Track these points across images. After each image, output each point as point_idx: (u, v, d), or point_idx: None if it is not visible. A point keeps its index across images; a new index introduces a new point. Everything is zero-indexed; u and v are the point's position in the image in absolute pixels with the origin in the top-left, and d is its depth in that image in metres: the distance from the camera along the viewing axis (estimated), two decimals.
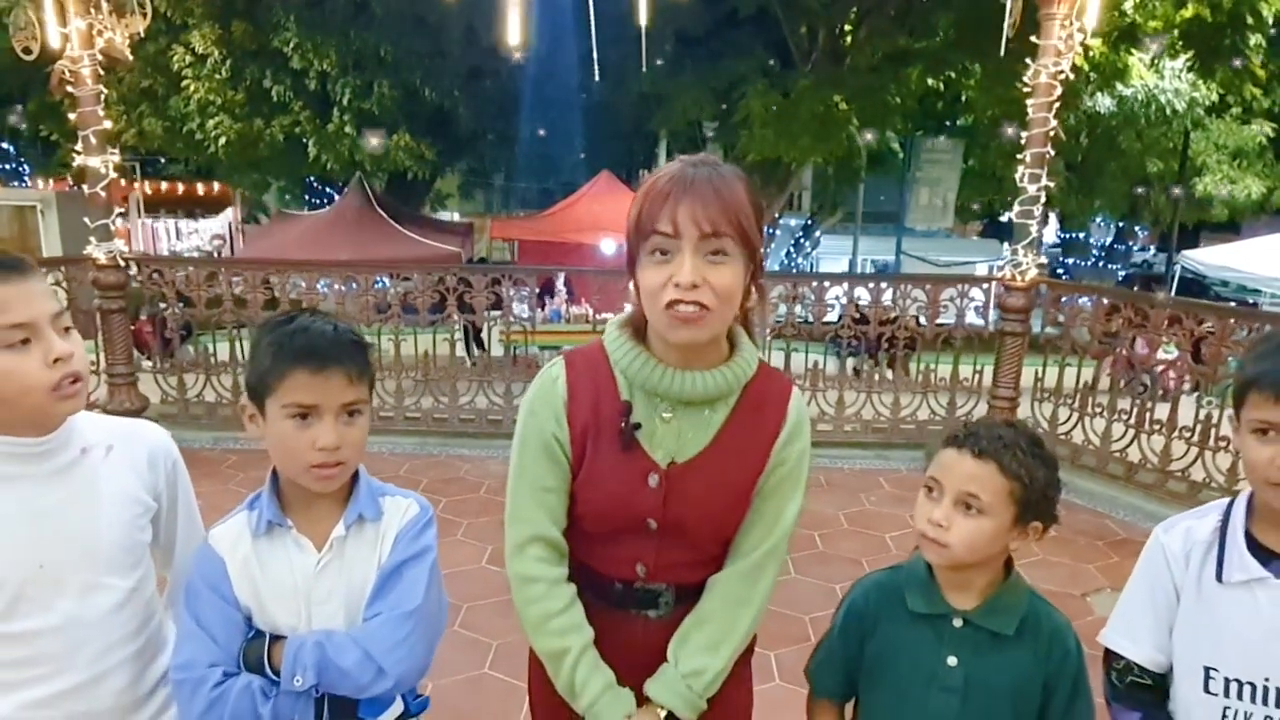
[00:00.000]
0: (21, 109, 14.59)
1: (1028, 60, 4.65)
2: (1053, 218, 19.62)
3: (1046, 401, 5.01)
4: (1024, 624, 1.22)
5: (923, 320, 5.28)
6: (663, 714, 1.22)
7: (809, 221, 18.01)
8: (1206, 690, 1.19)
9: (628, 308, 1.33)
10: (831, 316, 5.41)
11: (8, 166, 17.98)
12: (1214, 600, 1.18)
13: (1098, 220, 19.67)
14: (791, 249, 17.20)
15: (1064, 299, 5.12)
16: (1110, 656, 1.29)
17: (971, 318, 5.37)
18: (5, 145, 17.53)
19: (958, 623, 1.23)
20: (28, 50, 4.49)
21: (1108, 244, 21.06)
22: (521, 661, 1.52)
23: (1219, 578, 1.18)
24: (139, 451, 1.28)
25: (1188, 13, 10.65)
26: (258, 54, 12.06)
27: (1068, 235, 20.74)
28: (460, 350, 5.77)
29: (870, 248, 18.79)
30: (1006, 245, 4.99)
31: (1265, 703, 1.15)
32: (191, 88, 11.97)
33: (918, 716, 1.23)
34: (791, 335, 5.33)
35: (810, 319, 5.31)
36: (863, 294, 5.44)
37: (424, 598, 1.21)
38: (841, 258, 17.88)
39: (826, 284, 5.30)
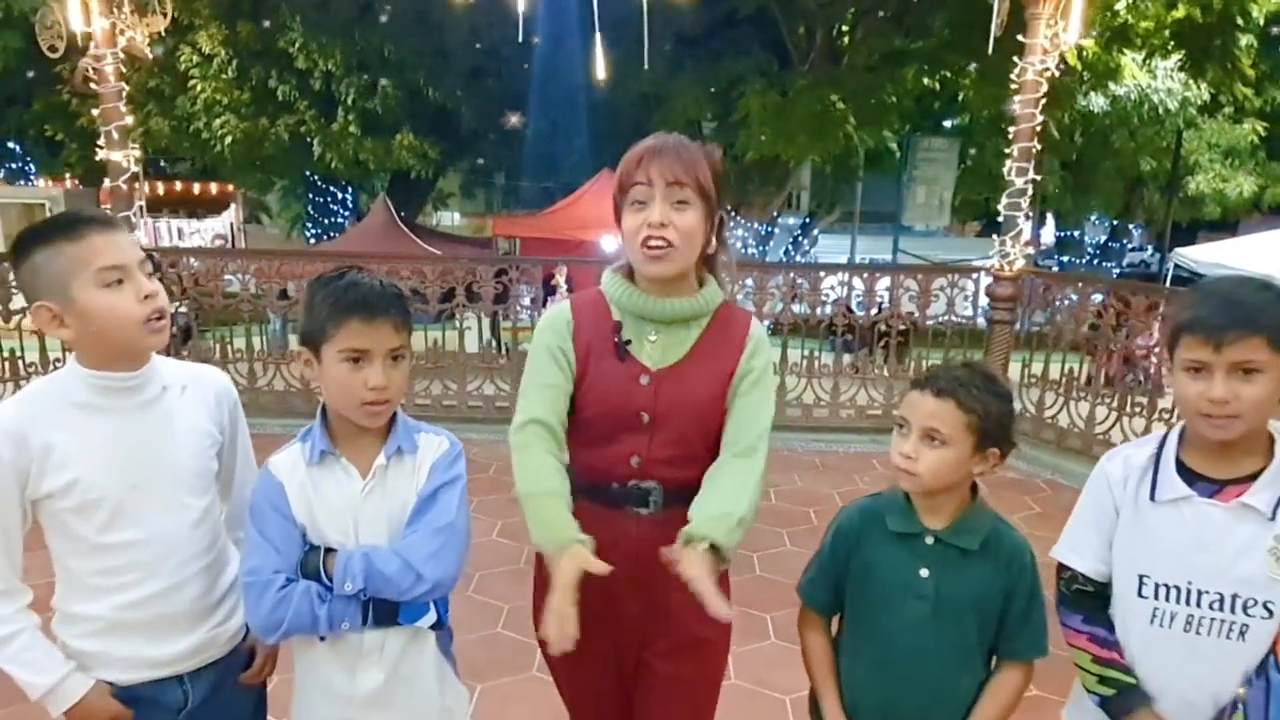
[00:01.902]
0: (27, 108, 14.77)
1: (1015, 59, 4.84)
2: (1049, 219, 19.82)
3: (1034, 387, 5.20)
4: (987, 541, 1.39)
5: (915, 311, 5.45)
6: (703, 547, 1.35)
7: (807, 220, 18.18)
8: (1140, 595, 1.37)
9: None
10: (828, 310, 5.59)
11: (14, 166, 18.13)
12: (1147, 516, 1.36)
13: (1092, 219, 19.86)
14: (790, 247, 17.35)
15: (1058, 298, 5.28)
16: (1060, 569, 1.47)
17: (965, 311, 5.54)
18: (11, 145, 17.68)
19: (930, 540, 1.40)
20: (53, 48, 4.68)
21: (1103, 242, 21.25)
22: (530, 624, 1.69)
23: (1152, 497, 1.36)
24: (208, 391, 1.46)
25: (1179, 13, 10.83)
26: (263, 54, 12.22)
27: (1064, 234, 20.94)
28: (470, 344, 5.92)
29: (868, 247, 18.93)
30: (996, 237, 5.17)
31: (1187, 603, 1.33)
32: (198, 87, 12.13)
33: (894, 621, 1.40)
34: (789, 324, 5.51)
35: (809, 307, 5.48)
36: (858, 284, 5.62)
37: (455, 516, 1.39)
38: (840, 256, 18.02)
39: (822, 274, 5.47)
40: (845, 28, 12.38)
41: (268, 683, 1.61)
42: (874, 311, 5.60)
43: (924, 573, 1.39)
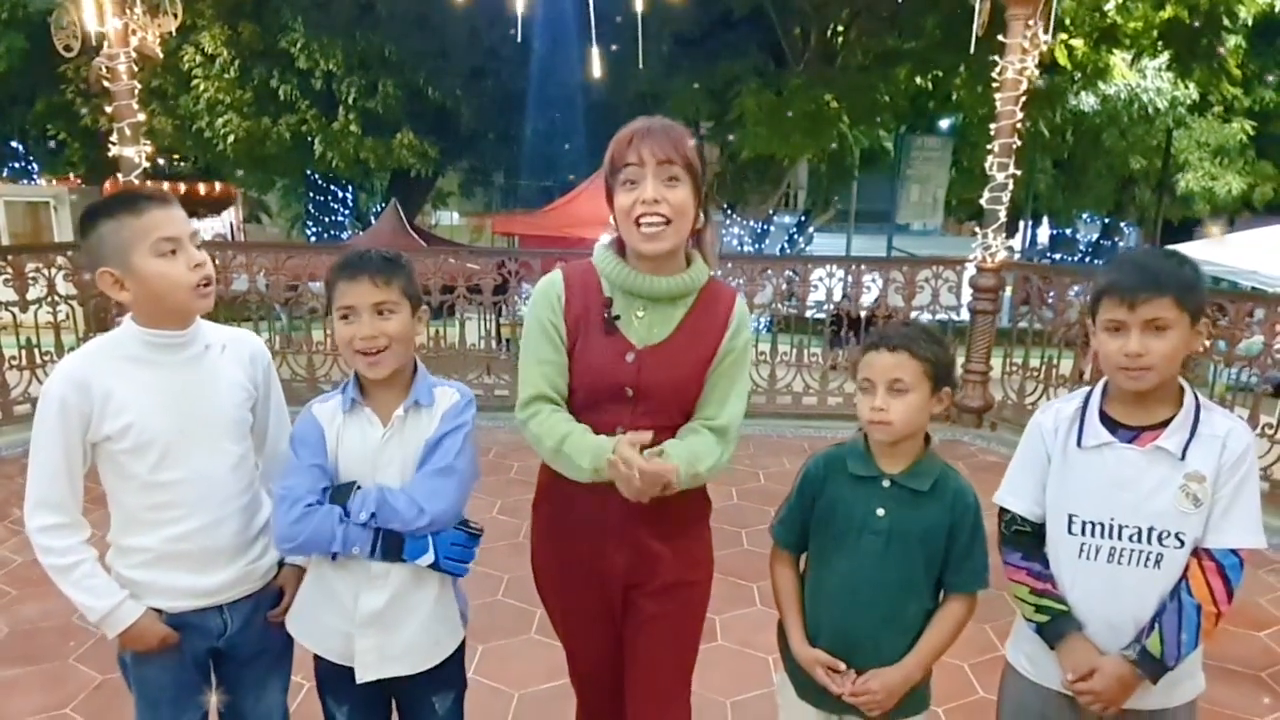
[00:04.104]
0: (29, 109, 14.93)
1: (997, 58, 5.02)
2: (1044, 219, 20.00)
3: (1015, 375, 5.37)
4: (936, 484, 1.56)
5: (902, 303, 5.63)
6: (682, 469, 1.48)
7: (802, 219, 18.34)
8: (1069, 531, 1.54)
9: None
10: (816, 299, 5.76)
11: (16, 165, 18.28)
12: (1075, 461, 1.53)
13: (1085, 217, 20.04)
14: (785, 245, 17.51)
15: (1042, 291, 5.44)
16: (1001, 512, 1.64)
17: (949, 301, 5.71)
18: (15, 144, 17.83)
19: (886, 483, 1.57)
20: (68, 48, 4.84)
21: (1095, 240, 21.45)
22: (528, 593, 1.86)
23: (1079, 444, 1.53)
24: (244, 351, 1.64)
25: (1166, 14, 11.00)
26: (265, 54, 12.39)
27: (1057, 232, 21.13)
28: (470, 336, 6.07)
29: (864, 245, 19.04)
30: (978, 230, 5.34)
31: (1110, 537, 1.50)
32: (201, 87, 12.30)
33: (853, 553, 1.58)
34: (780, 319, 5.70)
35: (797, 300, 5.66)
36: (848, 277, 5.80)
37: (453, 459, 1.55)
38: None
39: (810, 266, 5.65)
40: (839, 28, 12.55)
41: None
42: (862, 302, 5.77)
43: (880, 511, 1.56)
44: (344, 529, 1.49)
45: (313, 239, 18.56)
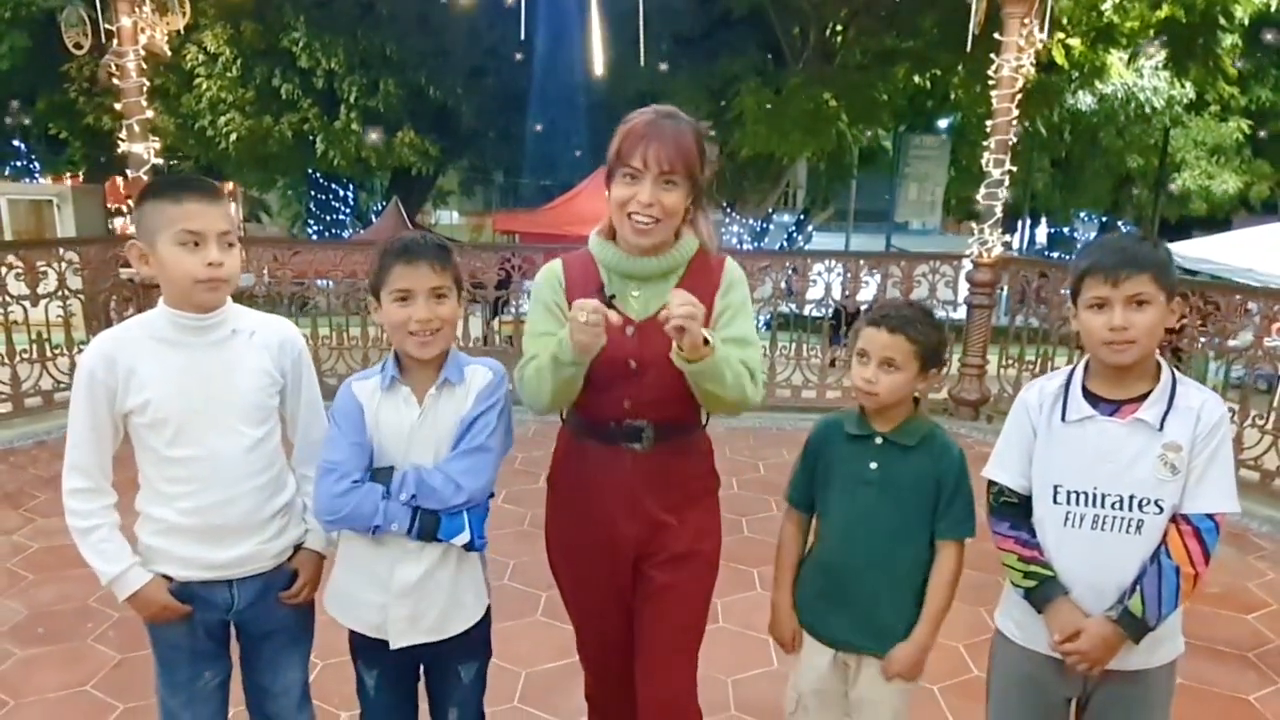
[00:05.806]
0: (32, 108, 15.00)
1: (992, 56, 5.10)
2: (1042, 219, 20.07)
3: (1011, 368, 5.46)
4: (923, 440, 1.70)
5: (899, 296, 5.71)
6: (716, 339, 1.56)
7: (801, 217, 18.42)
8: (1054, 501, 1.61)
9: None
10: (814, 294, 5.84)
11: (19, 164, 18.35)
12: (1059, 435, 1.61)
13: (1082, 216, 20.13)
14: (784, 244, 17.58)
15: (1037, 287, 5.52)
16: (990, 484, 1.71)
17: (946, 296, 5.78)
18: (17, 144, 17.89)
19: (878, 441, 1.71)
20: (78, 45, 4.92)
21: (1093, 239, 21.54)
22: (533, 577, 1.92)
23: (1063, 418, 1.60)
24: (273, 338, 1.68)
25: (1163, 13, 11.08)
26: (267, 53, 12.44)
27: (1054, 230, 21.22)
28: (475, 332, 6.16)
29: (863, 244, 19.12)
30: (975, 226, 5.42)
31: (1093, 505, 1.57)
32: (203, 86, 12.34)
33: (851, 503, 1.73)
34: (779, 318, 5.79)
35: (794, 294, 5.74)
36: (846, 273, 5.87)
37: (487, 439, 1.62)
38: None
39: (809, 261, 5.73)
40: (838, 27, 12.61)
41: (315, 605, 1.81)
42: (860, 298, 5.85)
43: (873, 465, 1.71)
44: (385, 505, 1.56)
45: (314, 237, 18.62)
